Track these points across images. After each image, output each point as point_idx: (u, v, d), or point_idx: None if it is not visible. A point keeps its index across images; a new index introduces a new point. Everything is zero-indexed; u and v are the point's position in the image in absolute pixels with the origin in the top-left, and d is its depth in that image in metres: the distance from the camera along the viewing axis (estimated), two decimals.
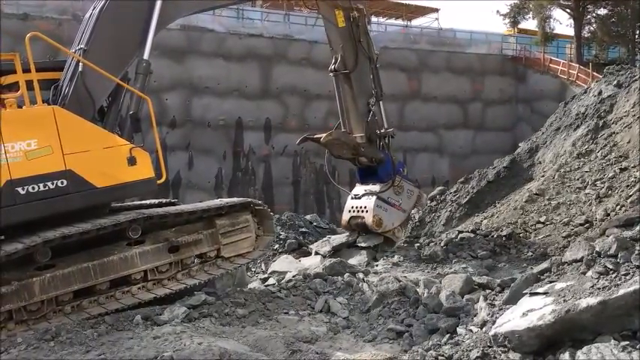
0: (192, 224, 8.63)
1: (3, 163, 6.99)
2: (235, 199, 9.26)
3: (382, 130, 12.81)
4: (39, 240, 6.94)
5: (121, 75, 8.44)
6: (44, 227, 7.23)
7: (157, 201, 9.53)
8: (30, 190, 7.16)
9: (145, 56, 8.50)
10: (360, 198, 12.68)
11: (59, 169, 7.38)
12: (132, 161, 7.95)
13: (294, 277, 9.82)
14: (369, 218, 12.23)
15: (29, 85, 7.60)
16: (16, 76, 7.55)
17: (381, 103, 12.85)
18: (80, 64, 7.90)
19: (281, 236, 13.65)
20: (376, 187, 12.59)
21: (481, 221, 13.64)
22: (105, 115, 8.39)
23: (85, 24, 8.61)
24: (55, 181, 7.33)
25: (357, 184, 13.15)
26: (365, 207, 12.42)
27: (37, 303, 7.06)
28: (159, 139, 8.90)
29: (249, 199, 9.46)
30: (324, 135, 12.15)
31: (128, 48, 8.57)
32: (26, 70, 7.59)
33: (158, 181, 8.36)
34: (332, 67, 12.53)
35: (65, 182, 7.41)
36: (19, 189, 7.08)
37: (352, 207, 12.72)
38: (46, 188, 7.27)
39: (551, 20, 40.46)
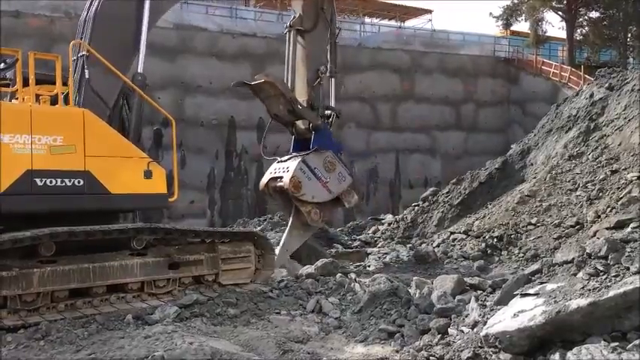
0: (194, 245, 8.78)
1: (26, 153, 7.30)
2: (240, 229, 9.39)
3: (328, 104, 12.27)
4: (46, 231, 7.11)
5: (127, 73, 8.69)
6: (51, 224, 7.35)
7: None
8: (47, 183, 7.45)
9: (140, 69, 8.69)
10: (285, 161, 11.86)
11: (78, 169, 7.69)
12: (148, 174, 8.31)
13: (285, 277, 9.82)
14: (286, 178, 11.23)
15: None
16: (55, 88, 8.00)
17: (332, 80, 12.49)
18: (86, 70, 8.14)
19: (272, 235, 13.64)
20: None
21: (473, 222, 13.68)
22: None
23: (82, 29, 8.76)
24: (72, 179, 7.63)
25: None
26: (287, 167, 11.51)
27: (33, 294, 7.14)
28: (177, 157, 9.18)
29: (254, 231, 9.63)
30: (259, 75, 11.52)
31: (127, 47, 8.81)
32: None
33: (170, 199, 8.69)
34: (288, 22, 12.19)
35: (82, 182, 7.71)
36: (37, 180, 7.38)
37: (274, 169, 11.89)
38: (63, 184, 7.56)
39: (544, 23, 40.58)
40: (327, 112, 12.17)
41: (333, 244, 14.49)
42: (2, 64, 8.09)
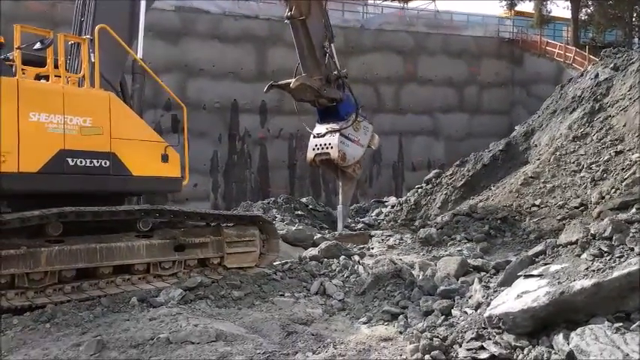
0: (200, 228, 8.86)
1: (59, 133, 7.44)
2: (246, 213, 9.46)
3: (337, 72, 13.67)
4: (54, 211, 7.20)
5: (126, 58, 8.78)
6: (77, 204, 7.49)
7: None
8: (78, 163, 7.60)
9: (140, 55, 8.71)
10: (323, 136, 13.69)
11: (105, 150, 7.88)
12: (165, 158, 8.49)
13: (289, 259, 9.85)
14: (334, 154, 13.41)
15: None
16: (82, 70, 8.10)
17: (332, 45, 13.60)
18: (91, 54, 8.14)
19: (277, 219, 13.69)
20: (337, 125, 13.65)
21: (476, 204, 13.67)
22: None
23: (80, 11, 8.69)
24: (100, 160, 7.81)
25: (317, 124, 14.14)
26: (329, 144, 13.53)
27: (41, 273, 7.20)
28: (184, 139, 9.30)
29: (260, 215, 9.70)
30: (292, 81, 12.99)
31: (128, 29, 8.88)
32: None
33: (183, 182, 8.83)
34: (287, 14, 13.14)
35: (108, 163, 7.89)
36: (69, 159, 7.51)
37: (316, 145, 13.79)
38: (92, 165, 7.73)
39: (548, 3, 40.28)
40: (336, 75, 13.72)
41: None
42: (38, 44, 8.12)
